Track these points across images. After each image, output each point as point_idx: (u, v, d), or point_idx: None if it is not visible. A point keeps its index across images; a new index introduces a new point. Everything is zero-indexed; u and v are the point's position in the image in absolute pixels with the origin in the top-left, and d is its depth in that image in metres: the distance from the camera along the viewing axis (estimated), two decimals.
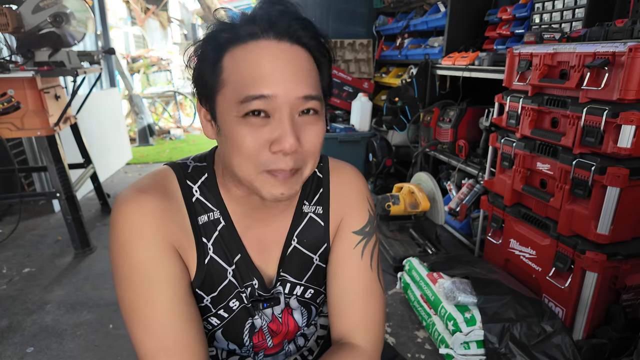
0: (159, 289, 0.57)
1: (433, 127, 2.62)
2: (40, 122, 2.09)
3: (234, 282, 0.65)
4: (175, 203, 0.61)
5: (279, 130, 0.52)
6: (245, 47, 0.52)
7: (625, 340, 1.36)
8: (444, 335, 1.46)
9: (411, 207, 2.24)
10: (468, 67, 2.23)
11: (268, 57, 0.51)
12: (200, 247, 0.62)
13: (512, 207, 1.72)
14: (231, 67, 0.52)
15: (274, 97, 0.51)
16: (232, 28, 0.53)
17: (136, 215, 0.57)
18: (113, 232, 0.58)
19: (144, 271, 0.57)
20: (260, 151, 0.53)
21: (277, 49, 0.52)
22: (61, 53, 2.15)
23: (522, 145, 1.60)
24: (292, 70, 0.52)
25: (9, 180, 2.85)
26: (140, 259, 0.57)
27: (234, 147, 0.54)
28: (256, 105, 0.51)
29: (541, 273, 1.57)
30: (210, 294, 0.64)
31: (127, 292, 0.57)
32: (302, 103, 0.53)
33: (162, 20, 9.06)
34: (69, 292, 1.91)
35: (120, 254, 0.57)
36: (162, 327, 0.56)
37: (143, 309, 0.57)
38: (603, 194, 1.30)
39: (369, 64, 4.01)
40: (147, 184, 0.61)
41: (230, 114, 0.53)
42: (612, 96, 1.25)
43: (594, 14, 1.67)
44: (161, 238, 0.58)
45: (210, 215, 0.63)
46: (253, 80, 0.51)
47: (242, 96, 0.51)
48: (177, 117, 6.36)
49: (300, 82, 0.52)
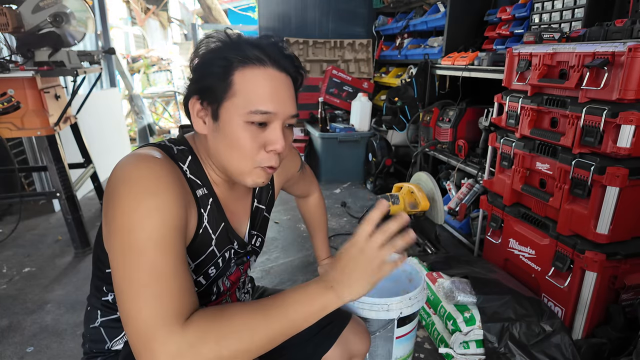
0: (178, 235, 0.61)
1: (432, 127, 2.62)
2: (40, 122, 2.09)
3: (215, 250, 0.77)
4: (181, 174, 0.70)
5: (274, 136, 0.69)
6: (254, 70, 0.67)
7: (624, 340, 1.36)
8: (444, 334, 1.46)
9: (411, 207, 2.24)
10: (467, 67, 2.23)
11: (273, 82, 0.68)
12: (200, 216, 0.72)
13: (511, 207, 1.72)
14: (242, 83, 0.67)
15: (275, 114, 0.68)
16: (240, 50, 0.67)
17: (161, 169, 0.63)
18: (132, 181, 0.60)
19: (170, 214, 0.60)
20: (257, 151, 0.69)
21: (277, 78, 0.69)
22: (61, 53, 2.15)
23: (521, 145, 1.61)
24: (287, 94, 0.70)
25: (9, 180, 2.84)
26: (167, 204, 0.60)
27: (234, 145, 0.69)
28: (260, 118, 0.67)
29: (540, 273, 1.58)
30: (195, 261, 0.74)
31: (142, 234, 0.57)
32: (290, 119, 0.71)
33: (162, 20, 9.06)
34: (69, 292, 1.91)
35: (140, 200, 0.58)
36: (183, 272, 0.60)
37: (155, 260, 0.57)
38: (602, 194, 1.30)
39: (369, 64, 4.01)
40: (154, 154, 0.66)
41: (235, 119, 0.67)
42: (612, 96, 1.25)
43: (594, 13, 1.68)
44: (181, 195, 0.64)
45: (201, 190, 0.74)
46: (262, 98, 0.67)
47: (253, 107, 0.67)
48: (177, 117, 6.36)
49: (292, 104, 0.71)
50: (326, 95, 3.64)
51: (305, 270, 2.11)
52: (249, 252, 0.89)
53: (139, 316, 0.55)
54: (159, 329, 0.54)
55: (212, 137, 0.71)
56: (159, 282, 0.56)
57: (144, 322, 0.54)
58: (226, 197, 0.79)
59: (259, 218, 0.91)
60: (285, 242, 2.44)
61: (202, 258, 0.75)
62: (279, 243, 2.42)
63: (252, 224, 0.88)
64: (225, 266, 0.82)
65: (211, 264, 0.78)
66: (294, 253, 2.30)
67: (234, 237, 0.82)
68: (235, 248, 0.83)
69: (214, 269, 0.79)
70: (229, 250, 0.81)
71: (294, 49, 3.95)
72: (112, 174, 0.63)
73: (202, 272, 0.77)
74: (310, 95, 3.81)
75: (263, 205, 0.92)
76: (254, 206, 0.89)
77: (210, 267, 0.78)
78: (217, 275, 0.80)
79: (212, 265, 0.78)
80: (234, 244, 0.82)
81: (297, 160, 1.04)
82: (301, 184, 1.12)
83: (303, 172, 1.08)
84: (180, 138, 0.77)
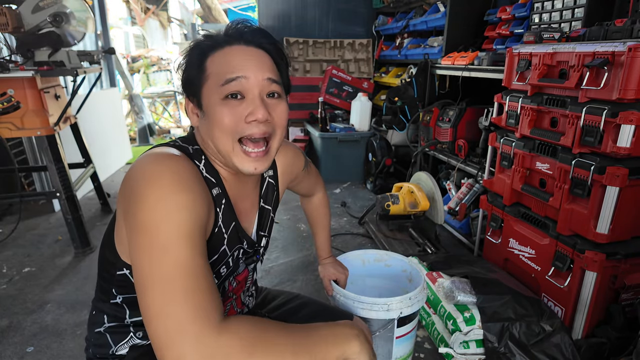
0: (198, 235, 0.60)
1: (432, 127, 2.62)
2: (40, 122, 2.09)
3: (227, 250, 0.77)
4: (199, 173, 0.70)
5: (252, 106, 0.68)
6: (222, 50, 0.70)
7: (624, 340, 1.36)
8: (444, 334, 1.46)
9: (411, 207, 2.24)
10: (467, 66, 2.23)
11: (240, 53, 0.70)
12: (216, 215, 0.73)
13: (511, 207, 1.72)
14: (212, 65, 0.70)
15: (246, 79, 0.68)
16: (212, 38, 0.72)
17: (183, 167, 0.64)
18: (154, 179, 0.59)
19: (195, 212, 0.60)
20: (237, 124, 0.68)
21: (246, 50, 0.71)
22: (61, 53, 2.15)
23: (521, 144, 1.61)
24: (258, 60, 0.70)
25: (9, 180, 2.84)
26: (192, 201, 0.60)
27: (215, 124, 0.69)
28: (234, 87, 0.67)
29: (540, 272, 1.58)
30: (209, 260, 0.70)
31: (169, 230, 0.56)
32: (268, 84, 0.70)
33: (162, 20, 9.06)
34: (69, 292, 1.91)
35: (165, 198, 0.58)
36: (209, 271, 0.60)
37: (184, 256, 0.56)
38: (602, 194, 1.30)
39: (369, 63, 4.01)
40: (174, 152, 0.67)
41: (213, 98, 0.68)
42: (612, 96, 1.25)
43: (594, 13, 1.67)
44: (203, 194, 0.65)
45: (216, 190, 0.74)
46: (230, 68, 0.68)
47: (222, 80, 0.67)
48: (177, 116, 6.36)
49: (264, 68, 0.70)
50: (326, 95, 3.64)
51: (305, 270, 2.11)
52: (257, 252, 0.90)
53: (167, 312, 0.53)
54: (190, 326, 0.52)
55: (202, 125, 0.73)
56: (188, 278, 0.55)
57: (174, 319, 0.52)
58: (235, 195, 0.80)
59: (266, 219, 0.91)
60: (285, 242, 2.44)
61: (216, 257, 0.75)
62: (279, 243, 2.42)
63: (259, 224, 0.89)
64: (234, 266, 0.82)
65: (222, 263, 0.78)
66: (294, 253, 2.30)
67: (244, 236, 0.82)
68: (245, 248, 0.84)
69: (224, 268, 0.79)
70: (238, 250, 0.81)
71: (293, 49, 3.95)
72: (132, 173, 0.62)
73: (214, 272, 0.76)
74: (310, 95, 3.81)
75: (269, 206, 0.92)
76: (260, 206, 0.90)
77: (222, 266, 0.78)
78: (227, 274, 0.81)
79: (223, 265, 0.78)
80: (243, 244, 0.83)
81: (301, 158, 1.03)
82: (305, 183, 1.12)
83: (308, 171, 1.08)
84: (191, 137, 0.78)
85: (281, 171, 0.95)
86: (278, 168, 0.94)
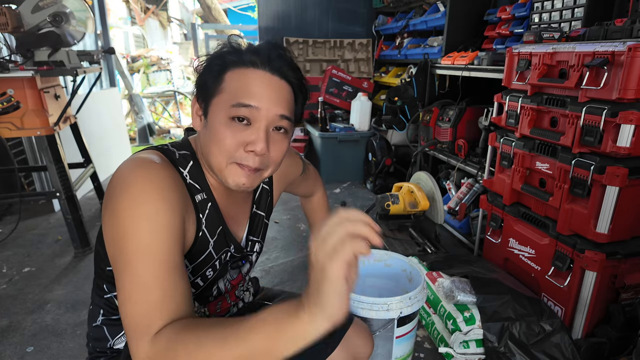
0: (166, 243, 0.61)
1: (432, 127, 2.62)
2: (40, 122, 2.09)
3: (212, 253, 0.78)
4: (181, 180, 0.71)
5: (255, 136, 0.67)
6: (245, 70, 0.69)
7: (624, 339, 1.36)
8: (443, 334, 1.46)
9: (410, 207, 2.24)
10: (467, 66, 2.23)
11: (261, 81, 0.68)
12: (198, 221, 0.73)
13: (511, 207, 1.72)
14: (231, 81, 0.68)
15: (258, 109, 0.67)
16: (238, 53, 0.70)
17: (157, 175, 0.64)
18: (126, 186, 0.61)
19: (158, 223, 0.60)
20: (236, 149, 0.68)
21: (269, 79, 0.69)
22: (61, 53, 2.14)
23: (521, 144, 1.61)
24: (276, 95, 0.69)
25: (9, 180, 2.84)
26: (157, 213, 0.60)
27: (215, 141, 0.68)
28: (243, 112, 0.67)
29: (540, 272, 1.58)
30: (192, 264, 0.75)
31: (131, 243, 0.59)
32: (277, 120, 0.69)
33: (162, 20, 9.06)
34: (69, 292, 1.91)
35: (132, 208, 0.59)
36: (166, 282, 0.59)
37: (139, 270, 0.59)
38: (602, 193, 1.30)
39: (369, 63, 4.01)
40: (154, 159, 0.67)
41: (220, 114, 0.68)
42: (612, 95, 1.25)
43: (593, 13, 1.67)
44: (176, 202, 0.64)
45: (200, 195, 0.75)
46: (246, 93, 0.67)
47: (234, 101, 0.67)
48: (177, 116, 6.36)
49: (280, 104, 0.69)
50: (326, 94, 3.64)
51: (305, 270, 2.11)
52: (244, 257, 0.91)
53: (124, 320, 0.59)
54: (132, 337, 0.57)
55: (202, 134, 0.73)
56: (140, 291, 0.58)
57: (126, 327, 0.58)
58: (225, 202, 0.80)
59: (258, 224, 0.92)
60: (285, 242, 2.44)
61: (200, 260, 0.76)
62: (279, 243, 2.42)
63: (250, 229, 0.89)
64: (222, 269, 0.83)
65: (208, 267, 0.79)
66: (294, 253, 2.30)
67: (231, 240, 0.83)
68: (232, 251, 0.84)
69: (211, 271, 0.80)
70: (225, 253, 0.82)
71: (293, 49, 3.95)
72: (112, 177, 0.65)
73: (199, 274, 0.78)
74: (310, 95, 3.80)
75: (262, 211, 0.92)
76: (253, 211, 0.90)
77: (207, 269, 0.79)
78: (214, 277, 0.81)
79: (209, 268, 0.79)
80: (230, 247, 0.83)
81: (298, 165, 1.03)
82: (304, 186, 1.12)
83: (306, 175, 1.08)
84: (184, 142, 0.78)
85: (276, 179, 0.96)
86: (273, 175, 0.94)
